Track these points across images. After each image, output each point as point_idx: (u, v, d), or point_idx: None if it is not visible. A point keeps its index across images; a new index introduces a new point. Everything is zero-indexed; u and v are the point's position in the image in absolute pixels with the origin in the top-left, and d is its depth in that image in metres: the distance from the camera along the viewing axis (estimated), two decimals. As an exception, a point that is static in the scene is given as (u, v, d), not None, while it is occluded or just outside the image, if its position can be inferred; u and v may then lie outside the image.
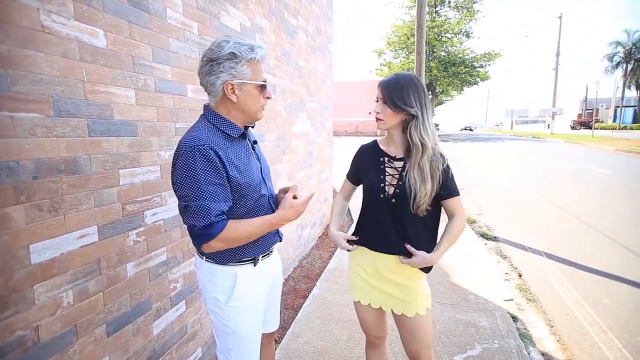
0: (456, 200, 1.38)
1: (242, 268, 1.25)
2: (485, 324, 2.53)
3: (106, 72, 1.35)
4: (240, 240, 1.17)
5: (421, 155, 1.30)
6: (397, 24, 26.41)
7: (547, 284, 3.32)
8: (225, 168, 1.11)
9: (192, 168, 1.06)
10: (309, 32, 3.74)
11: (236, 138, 1.19)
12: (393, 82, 1.34)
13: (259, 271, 1.30)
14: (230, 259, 1.24)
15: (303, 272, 3.56)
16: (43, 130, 1.13)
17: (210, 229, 1.08)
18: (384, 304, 1.44)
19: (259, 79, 1.17)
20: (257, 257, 1.29)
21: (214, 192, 1.08)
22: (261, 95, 1.20)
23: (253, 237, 1.19)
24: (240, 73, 1.12)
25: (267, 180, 1.34)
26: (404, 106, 1.31)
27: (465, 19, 25.78)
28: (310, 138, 3.92)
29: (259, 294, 1.32)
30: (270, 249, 1.37)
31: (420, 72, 5.93)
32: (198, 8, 1.89)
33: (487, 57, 26.21)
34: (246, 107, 1.18)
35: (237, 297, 1.24)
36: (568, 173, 9.58)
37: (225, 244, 1.13)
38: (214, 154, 1.08)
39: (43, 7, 1.11)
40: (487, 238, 4.59)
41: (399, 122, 1.35)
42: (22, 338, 1.09)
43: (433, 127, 1.36)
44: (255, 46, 1.14)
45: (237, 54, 1.10)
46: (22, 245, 1.08)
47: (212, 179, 1.08)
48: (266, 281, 1.37)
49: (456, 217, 1.39)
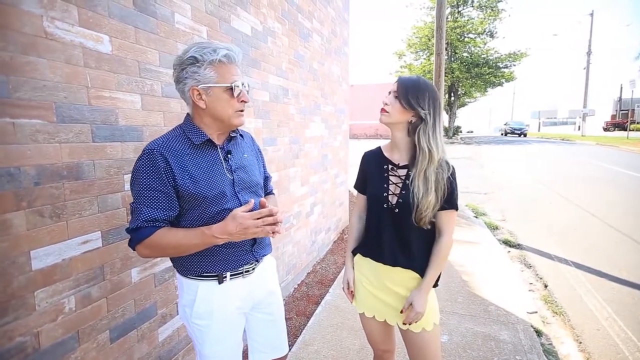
0: (450, 215, 1.30)
1: (203, 284, 1.17)
2: (506, 337, 2.39)
3: (111, 78, 1.35)
4: (169, 250, 1.08)
5: (427, 163, 1.23)
6: (417, 26, 26.03)
7: (576, 296, 3.12)
8: (173, 175, 1.07)
9: (138, 171, 1.07)
10: (323, 35, 3.70)
11: (200, 146, 1.14)
12: (412, 80, 1.29)
13: (228, 291, 1.19)
14: (189, 271, 1.18)
15: (317, 277, 3.50)
16: (45, 136, 1.13)
17: (136, 233, 1.05)
18: (389, 318, 1.36)
19: (227, 82, 1.10)
20: (222, 275, 1.18)
21: (150, 197, 1.05)
22: (234, 98, 1.12)
23: (184, 248, 1.08)
24: (204, 77, 1.08)
25: (243, 194, 1.20)
26: (416, 105, 1.25)
27: (489, 18, 25.08)
28: (325, 141, 3.87)
29: (229, 317, 1.21)
30: (244, 269, 1.22)
31: (440, 74, 5.77)
32: (207, 12, 1.89)
33: (513, 57, 25.35)
34: (217, 113, 1.12)
35: (199, 315, 1.17)
36: (600, 177, 9.07)
37: (152, 252, 1.08)
38: (162, 159, 1.06)
39: (46, 13, 1.12)
40: (510, 245, 4.39)
41: (404, 122, 1.29)
42: (22, 344, 1.09)
43: (442, 136, 1.29)
44: (219, 47, 1.08)
45: (199, 57, 1.06)
46: (23, 251, 1.08)
47: (154, 185, 1.05)
48: (240, 305, 1.24)
49: (444, 236, 1.30)
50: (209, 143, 1.15)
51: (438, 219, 1.31)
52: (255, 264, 1.27)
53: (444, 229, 1.31)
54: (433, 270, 1.29)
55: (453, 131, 29.56)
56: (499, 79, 26.10)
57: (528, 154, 15.73)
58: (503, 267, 3.65)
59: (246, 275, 1.24)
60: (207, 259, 1.16)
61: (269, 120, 2.60)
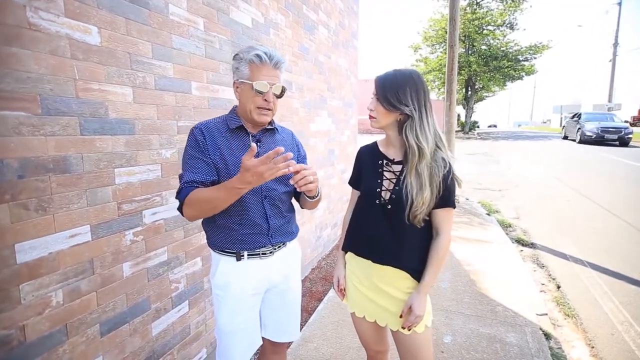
0: (447, 213, 1.24)
1: (225, 258, 1.30)
2: (512, 340, 2.30)
3: (100, 70, 1.33)
4: (204, 205, 1.16)
5: (418, 159, 1.17)
6: (434, 18, 25.43)
7: (590, 299, 2.99)
8: (207, 149, 1.22)
9: (187, 145, 1.26)
10: (330, 27, 3.62)
11: (235, 130, 1.29)
12: (389, 78, 1.21)
13: (244, 269, 1.30)
14: (215, 245, 1.32)
15: (321, 273, 3.47)
16: (30, 128, 1.12)
17: (179, 194, 1.19)
18: (379, 318, 1.31)
19: (254, 80, 1.22)
20: (240, 253, 1.29)
21: (192, 165, 1.21)
22: (257, 96, 1.23)
23: (216, 202, 1.14)
24: (241, 72, 1.24)
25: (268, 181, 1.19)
26: (398, 104, 1.18)
27: (509, 10, 24.27)
28: (331, 136, 3.81)
29: (244, 294, 1.30)
30: (260, 251, 1.31)
31: (453, 67, 5.59)
32: (204, 3, 1.85)
33: (534, 50, 24.48)
34: (243, 106, 1.28)
35: (218, 285, 1.30)
36: (624, 175, 8.69)
37: (192, 210, 1.17)
38: (200, 134, 1.23)
39: (30, 4, 1.10)
40: (523, 244, 4.25)
41: (393, 122, 1.23)
42: (7, 337, 1.09)
43: (435, 129, 1.22)
44: (255, 49, 1.23)
45: (241, 56, 1.24)
46: (7, 245, 1.08)
47: (194, 154, 1.22)
48: (256, 285, 1.33)
49: (441, 235, 1.24)
50: (242, 129, 1.30)
51: (435, 218, 1.25)
52: (272, 248, 1.33)
53: (441, 227, 1.24)
54: (431, 271, 1.24)
55: (469, 126, 28.92)
56: (519, 72, 25.31)
57: (547, 150, 15.22)
58: (514, 266, 3.53)
59: (264, 257, 1.32)
60: (227, 237, 1.28)
61: (270, 114, 2.56)
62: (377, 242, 1.27)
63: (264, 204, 1.30)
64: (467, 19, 23.56)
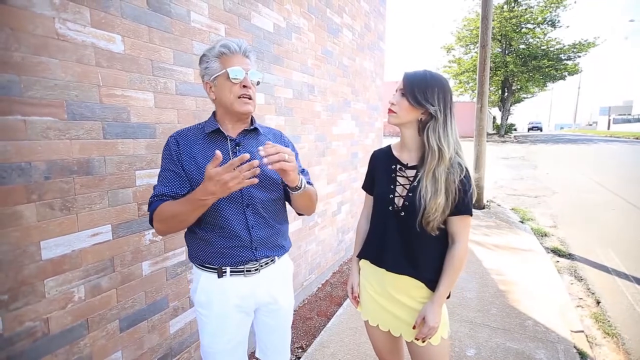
0: (463, 221, 1.18)
1: (205, 274, 1.23)
2: (542, 357, 2.16)
3: (123, 76, 1.39)
4: (169, 220, 1.09)
5: (437, 163, 1.13)
6: (469, 17, 24.64)
7: (635, 317, 2.75)
8: (180, 159, 1.16)
9: (162, 156, 1.21)
10: (355, 30, 3.60)
11: (211, 135, 1.21)
12: (419, 75, 1.19)
13: (227, 287, 1.20)
14: (195, 258, 1.25)
15: (342, 277, 3.43)
16: (56, 132, 1.19)
17: (149, 207, 1.15)
18: (393, 328, 1.27)
19: (226, 68, 1.15)
20: (222, 269, 1.19)
21: (164, 177, 1.16)
22: (234, 84, 1.15)
23: (182, 216, 1.07)
24: (211, 69, 1.17)
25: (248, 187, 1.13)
26: (424, 102, 1.15)
27: (550, 6, 23.02)
28: (355, 139, 3.78)
29: (227, 313, 1.21)
30: (245, 267, 1.21)
31: (485, 67, 5.37)
32: (226, 10, 1.90)
33: (577, 48, 23.06)
34: (222, 101, 1.19)
35: (200, 303, 1.23)
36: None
37: (161, 225, 1.12)
38: (174, 144, 1.18)
39: (58, 15, 1.17)
40: (559, 255, 3.99)
41: (414, 121, 1.19)
42: (32, 329, 1.16)
43: (456, 136, 1.18)
44: (227, 41, 1.18)
45: (206, 54, 1.18)
46: (33, 242, 1.15)
47: (167, 165, 1.17)
48: (239, 304, 1.22)
49: (457, 244, 1.18)
50: (218, 133, 1.21)
51: (451, 226, 1.19)
52: (257, 264, 1.23)
53: (458, 236, 1.19)
54: (446, 281, 1.18)
55: (506, 129, 27.70)
56: (561, 72, 23.93)
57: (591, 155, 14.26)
58: (548, 278, 3.32)
59: (248, 275, 1.21)
60: (207, 250, 1.19)
61: (291, 117, 2.58)
62: (390, 249, 1.23)
63: (245, 212, 1.19)
64: (503, 17, 22.64)
